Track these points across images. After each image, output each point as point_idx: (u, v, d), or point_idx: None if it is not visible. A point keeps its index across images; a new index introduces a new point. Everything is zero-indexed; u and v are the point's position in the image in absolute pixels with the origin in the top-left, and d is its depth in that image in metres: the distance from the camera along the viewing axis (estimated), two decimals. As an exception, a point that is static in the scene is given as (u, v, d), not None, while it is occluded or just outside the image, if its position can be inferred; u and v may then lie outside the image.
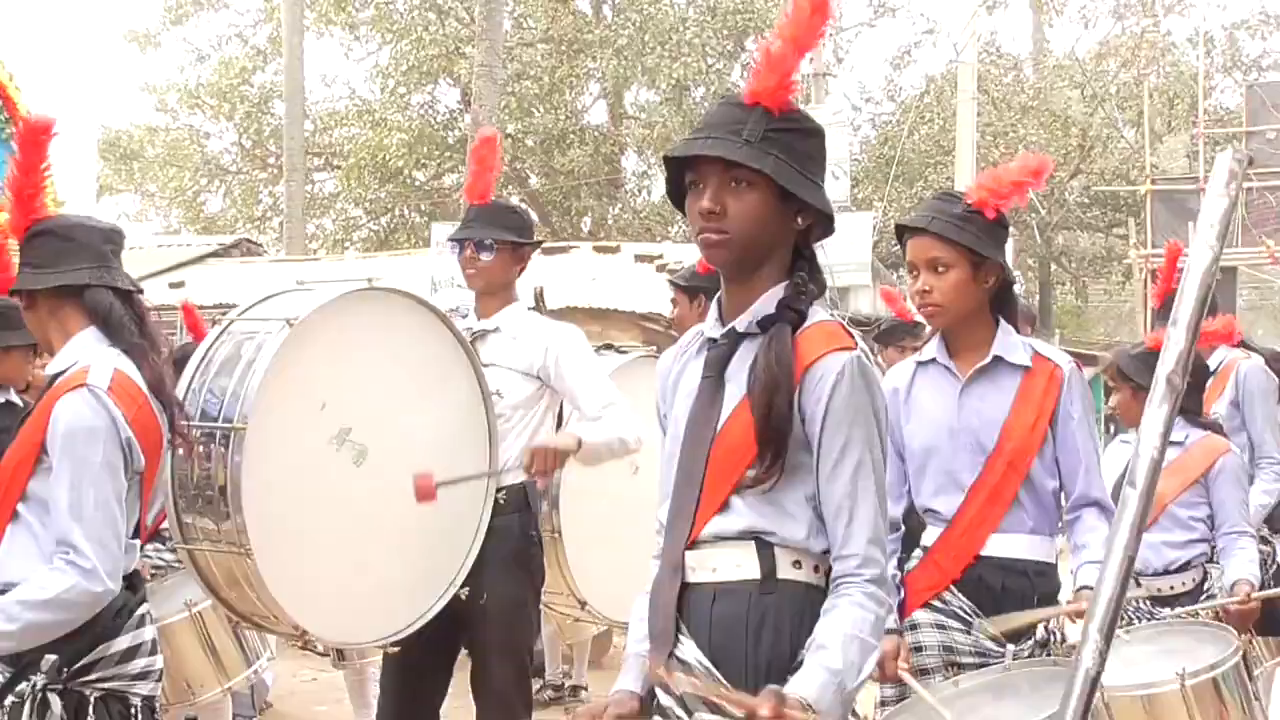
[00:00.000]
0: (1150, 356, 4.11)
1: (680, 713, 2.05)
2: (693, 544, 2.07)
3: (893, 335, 6.16)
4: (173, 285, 14.79)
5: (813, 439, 2.01)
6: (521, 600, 4.01)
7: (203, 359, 3.54)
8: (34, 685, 2.66)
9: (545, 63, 25.39)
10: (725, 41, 25.74)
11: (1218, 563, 4.15)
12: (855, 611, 1.96)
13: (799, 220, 2.08)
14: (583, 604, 4.78)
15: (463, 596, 3.81)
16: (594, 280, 14.17)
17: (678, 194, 2.13)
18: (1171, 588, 4.17)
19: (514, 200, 26.36)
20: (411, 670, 3.98)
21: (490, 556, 3.85)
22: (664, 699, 2.08)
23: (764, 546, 2.03)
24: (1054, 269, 30.35)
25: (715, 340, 2.13)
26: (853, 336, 2.07)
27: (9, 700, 2.67)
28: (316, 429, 3.54)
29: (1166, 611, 4.12)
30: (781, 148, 2.02)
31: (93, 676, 2.72)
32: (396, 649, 3.78)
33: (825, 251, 2.20)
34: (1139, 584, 4.16)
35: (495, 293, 4.11)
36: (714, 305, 2.17)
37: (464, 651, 4.11)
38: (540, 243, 4.30)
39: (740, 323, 2.09)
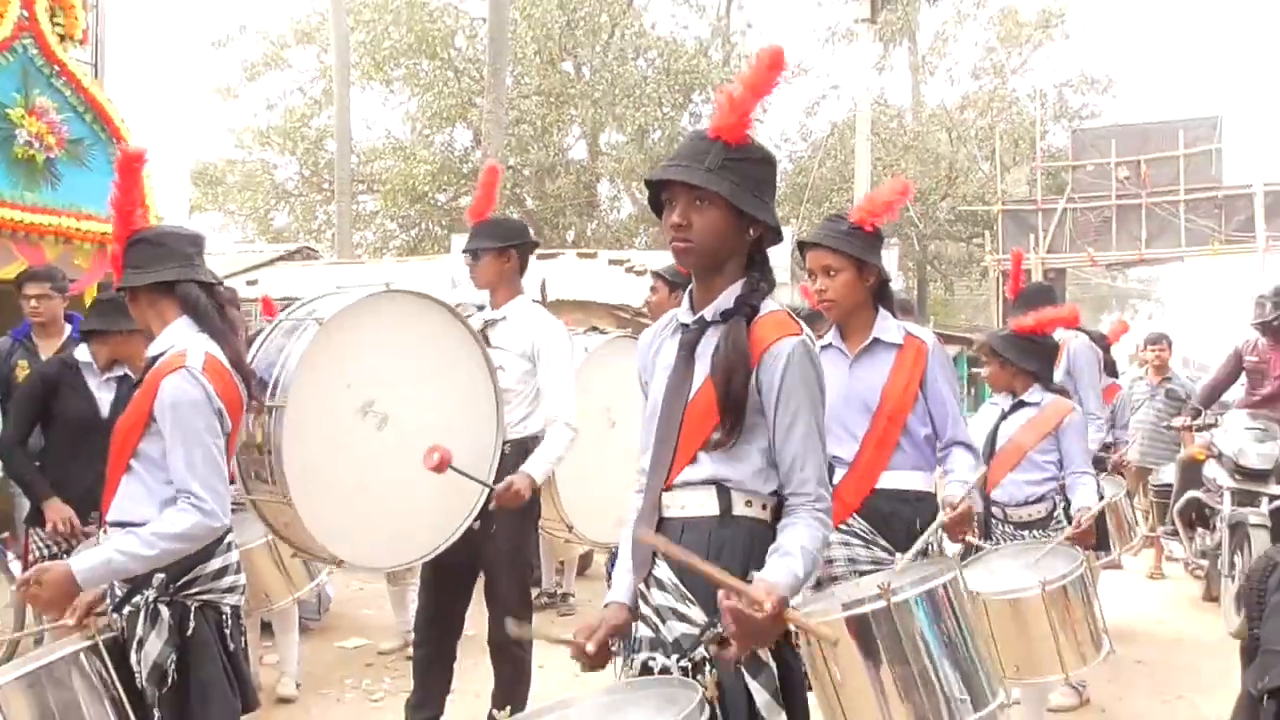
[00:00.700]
0: (1014, 338, 4.11)
1: (656, 620, 2.01)
2: (668, 487, 2.03)
3: (810, 321, 6.20)
4: (249, 283, 14.65)
5: (768, 406, 1.98)
6: (523, 531, 3.96)
7: (260, 345, 3.48)
8: (146, 598, 2.59)
9: (538, 110, 25.21)
10: (676, 95, 25.70)
11: (1065, 497, 4.14)
12: (809, 529, 1.95)
13: (751, 231, 2.03)
14: (570, 528, 4.74)
15: (475, 528, 3.74)
16: (577, 280, 14.12)
17: (658, 207, 2.08)
18: (1029, 515, 4.17)
19: (507, 215, 26.30)
20: (442, 584, 3.96)
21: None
22: (644, 609, 2.04)
23: (723, 490, 2.00)
24: (928, 270, 30.51)
25: (687, 325, 2.08)
26: (799, 324, 2.03)
27: (126, 610, 2.60)
28: (344, 403, 3.50)
29: (1026, 534, 4.12)
30: (737, 174, 1.98)
31: (193, 590, 2.66)
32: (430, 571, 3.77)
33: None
34: (1005, 514, 4.17)
35: (497, 288, 4.01)
36: (687, 296, 2.13)
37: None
38: (525, 243, 4.10)
39: (707, 312, 2.05)
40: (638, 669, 2.02)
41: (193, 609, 2.65)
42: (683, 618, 1.97)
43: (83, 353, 4.54)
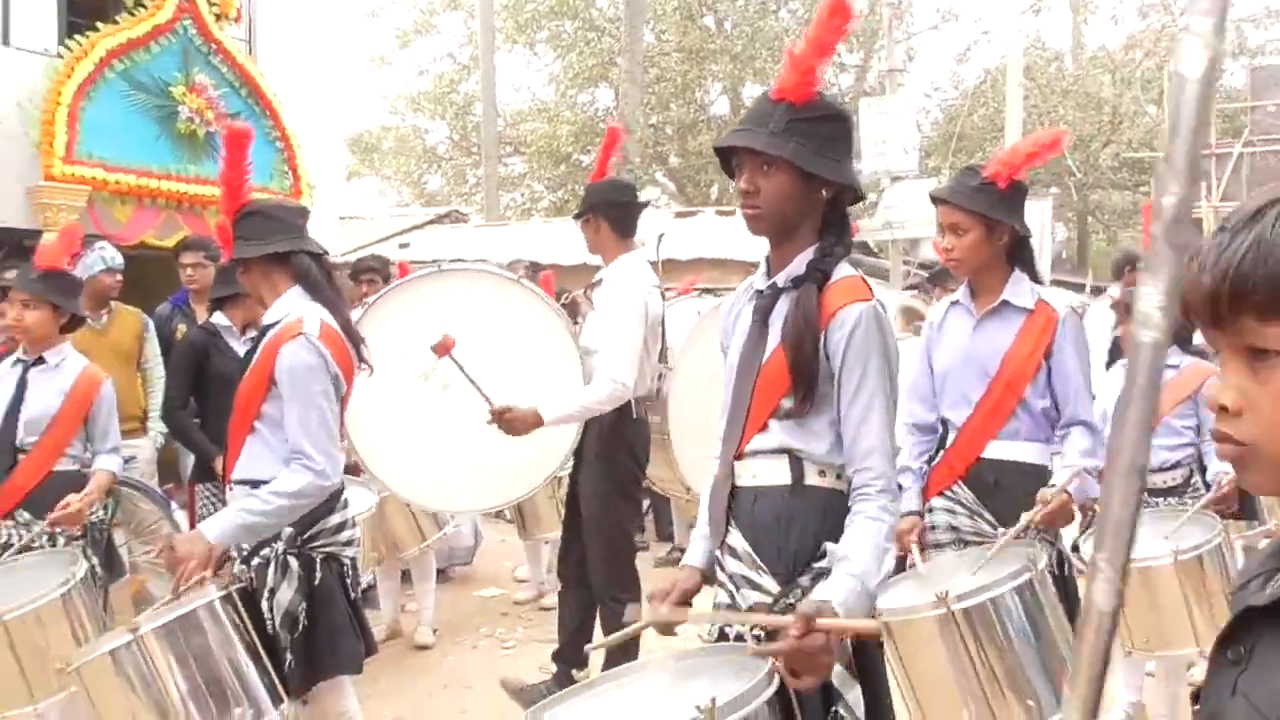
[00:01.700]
0: None
1: (730, 588, 2.02)
2: (740, 456, 2.02)
3: (941, 278, 6.04)
4: (401, 246, 15.05)
5: (835, 373, 1.93)
6: (604, 492, 4.01)
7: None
8: (276, 550, 2.74)
9: (678, 68, 25.04)
10: (820, 46, 25.07)
11: (1203, 464, 3.92)
12: (872, 525, 1.88)
13: (824, 192, 1.97)
14: (688, 489, 4.76)
15: (561, 480, 4.10)
16: (715, 237, 14.05)
17: (730, 171, 2.05)
18: (1165, 482, 3.96)
19: (658, 189, 26.38)
20: (572, 530, 4.20)
21: (585, 456, 3.97)
22: (720, 575, 2.04)
23: (795, 460, 1.97)
24: (1090, 220, 29.00)
25: (762, 291, 2.05)
26: (870, 290, 1.97)
27: (255, 561, 2.75)
28: (405, 371, 3.78)
29: (1161, 502, 3.92)
30: (802, 134, 1.92)
31: (317, 544, 2.81)
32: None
33: (894, 211, 2.08)
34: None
35: (601, 251, 4.06)
36: (764, 261, 2.08)
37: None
38: (610, 203, 4.05)
39: (780, 279, 2.01)
40: (714, 634, 2.03)
41: (318, 560, 2.80)
42: (756, 586, 1.97)
43: (219, 318, 4.80)
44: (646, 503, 6.39)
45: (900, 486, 2.03)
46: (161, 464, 5.79)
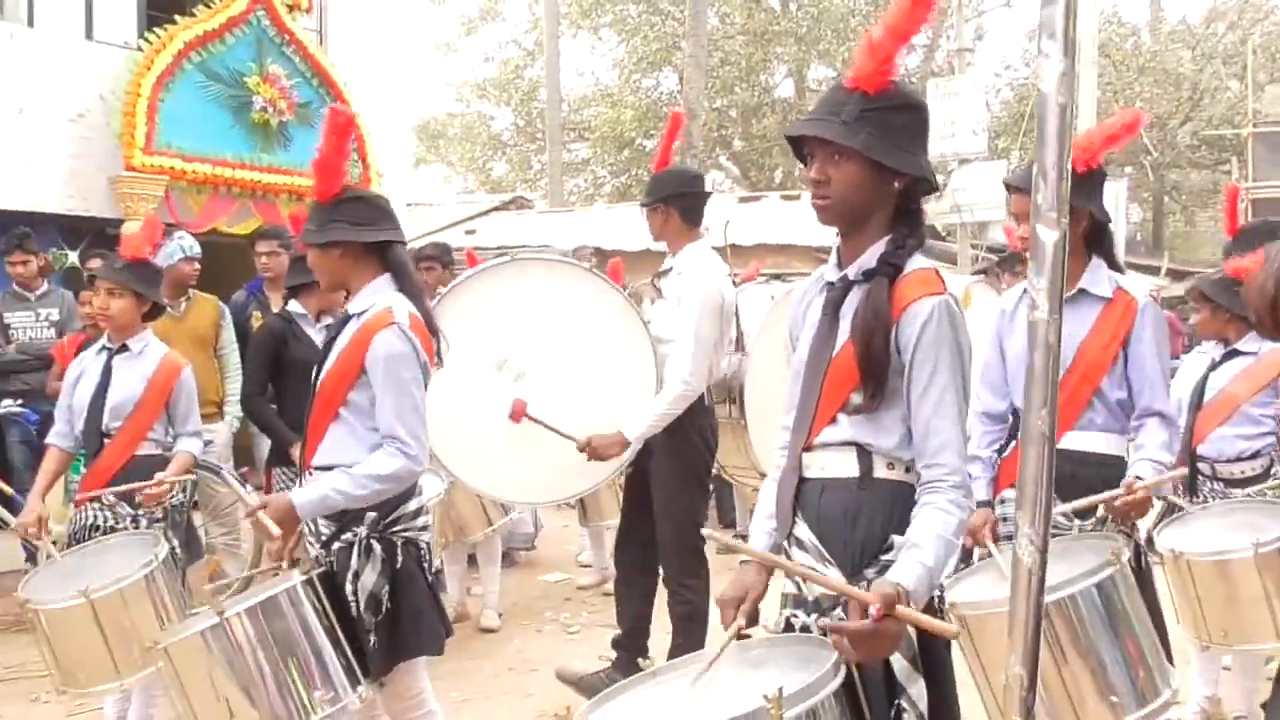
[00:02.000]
0: (1228, 281, 3.77)
1: (798, 579, 2.01)
2: (808, 448, 2.01)
3: (1009, 262, 5.97)
4: (467, 232, 15.27)
5: (906, 368, 1.91)
6: (675, 478, 4.00)
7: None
8: (359, 535, 2.78)
9: (743, 50, 24.89)
10: (886, 26, 24.75)
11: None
12: (942, 516, 1.86)
13: (896, 184, 1.93)
14: (762, 475, 4.76)
15: (624, 473, 4.05)
16: (780, 222, 13.97)
17: (803, 159, 2.03)
18: (1243, 472, 3.83)
19: (722, 172, 26.27)
20: (633, 519, 4.18)
21: (656, 443, 3.92)
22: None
23: (863, 453, 1.95)
24: (1166, 201, 28.21)
25: (832, 284, 2.03)
26: (943, 283, 1.94)
27: (336, 546, 2.79)
28: (477, 361, 3.81)
29: (1238, 492, 3.81)
30: (875, 125, 1.89)
31: (397, 528, 2.84)
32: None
33: (963, 194, 2.05)
34: (1214, 470, 3.87)
35: (668, 240, 4.05)
36: (834, 252, 2.06)
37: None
38: (682, 194, 4.04)
39: (850, 271, 1.99)
40: (781, 624, 2.03)
41: (399, 544, 2.84)
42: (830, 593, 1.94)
43: (295, 306, 4.90)
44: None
45: (969, 476, 2.00)
46: (236, 449, 5.95)
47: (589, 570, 6.49)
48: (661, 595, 4.16)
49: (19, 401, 5.89)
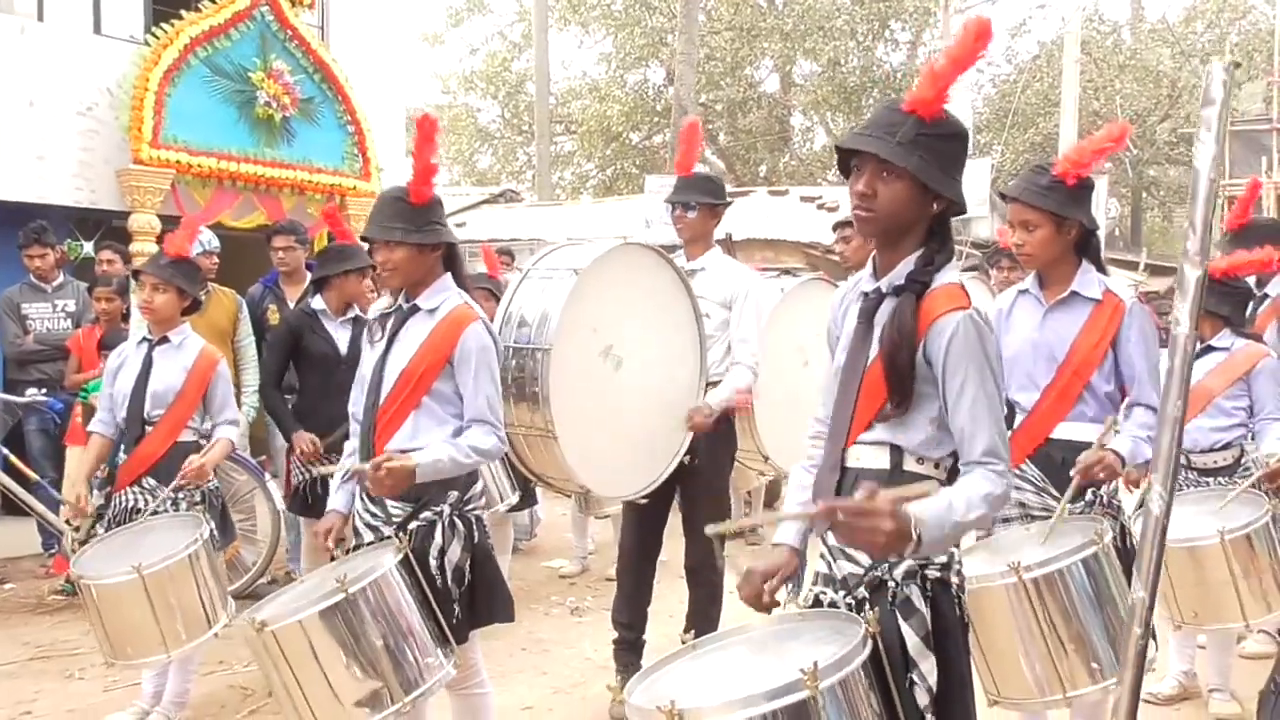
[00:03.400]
0: (1213, 284, 3.95)
1: (829, 558, 2.17)
2: (845, 448, 2.15)
3: (996, 258, 6.26)
4: (457, 225, 15.36)
5: (937, 377, 2.04)
6: (721, 463, 4.24)
7: (512, 298, 3.77)
8: (443, 513, 2.95)
9: (729, 46, 25.03)
10: (871, 24, 24.92)
11: (1254, 443, 4.06)
12: (979, 482, 1.97)
13: (935, 205, 2.08)
14: (766, 459, 4.97)
15: (685, 462, 4.06)
16: (768, 217, 14.17)
17: (846, 170, 2.14)
18: (1215, 462, 4.10)
19: (707, 167, 26.40)
20: (643, 512, 4.28)
21: (706, 431, 4.06)
22: (821, 547, 2.20)
23: (895, 450, 2.09)
24: (1144, 197, 28.59)
25: (868, 294, 2.16)
26: (968, 296, 2.07)
27: (415, 524, 2.93)
28: (592, 346, 3.78)
29: (1211, 481, 4.07)
30: (926, 149, 2.01)
31: (470, 506, 3.04)
32: (645, 500, 4.08)
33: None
34: (1189, 460, 4.12)
35: (698, 241, 4.27)
36: (870, 261, 2.19)
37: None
38: (730, 201, 4.40)
39: (884, 284, 2.12)
40: (810, 600, 2.18)
41: (473, 521, 3.04)
42: (850, 558, 2.12)
43: (318, 301, 5.11)
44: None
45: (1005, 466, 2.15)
46: (250, 439, 6.14)
47: (592, 557, 6.71)
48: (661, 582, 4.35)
49: (43, 390, 6.05)
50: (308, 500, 5.00)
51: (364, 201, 8.96)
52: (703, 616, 4.16)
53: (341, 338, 5.09)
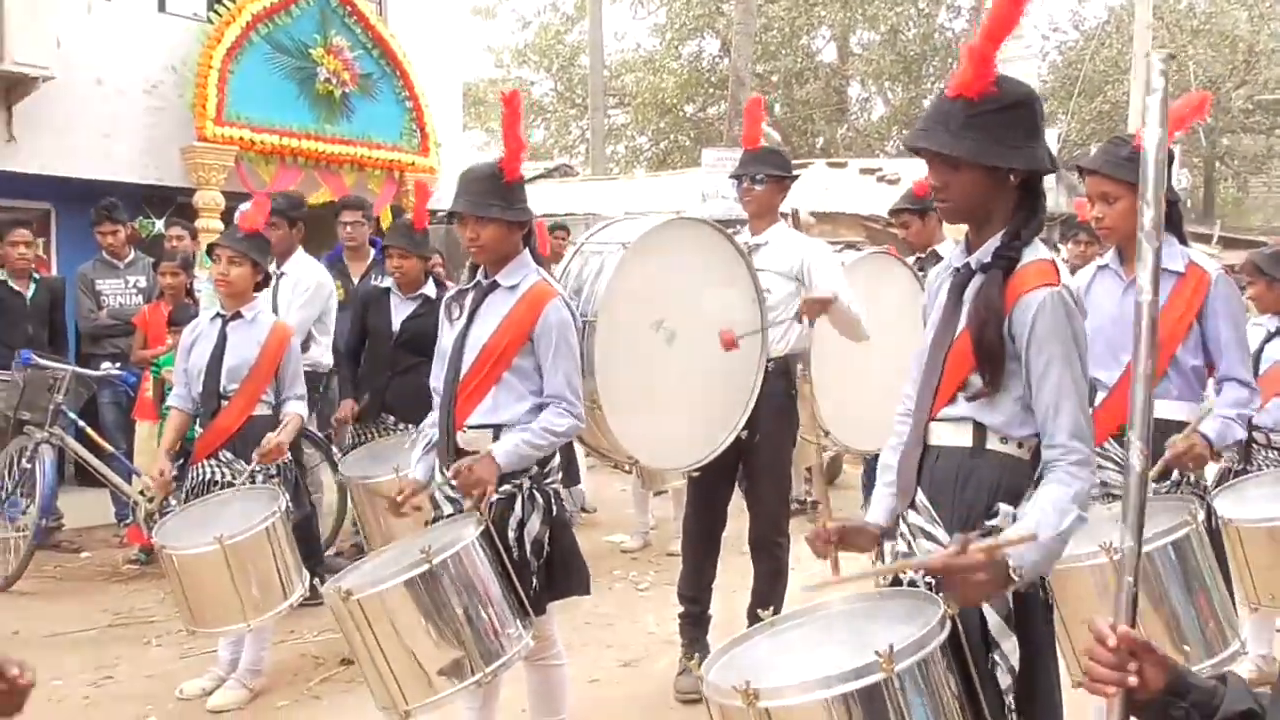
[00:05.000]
0: None
1: (909, 538, 2.20)
2: (928, 422, 2.18)
3: (1073, 231, 6.19)
4: (512, 200, 15.38)
5: (1021, 354, 2.04)
6: (782, 439, 4.24)
7: (565, 269, 3.79)
8: (523, 486, 3.02)
9: (787, 15, 24.75)
10: (934, -11, 24.55)
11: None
12: (1055, 489, 1.99)
13: (1012, 179, 2.06)
14: (826, 433, 4.96)
15: (743, 437, 4.05)
16: (826, 190, 14.07)
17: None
18: None
19: (764, 139, 26.13)
20: (708, 487, 4.28)
21: (762, 407, 4.06)
22: (901, 526, 2.22)
23: (978, 426, 2.11)
24: (1218, 167, 27.85)
25: (959, 270, 2.19)
26: (1058, 274, 2.07)
27: (493, 497, 2.98)
28: (641, 319, 3.77)
29: (1290, 458, 4.02)
30: (980, 129, 2.00)
31: (547, 480, 3.10)
32: (698, 473, 4.08)
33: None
34: (1269, 439, 4.06)
35: (764, 215, 4.26)
36: (964, 238, 2.20)
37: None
38: (797, 175, 4.38)
39: (973, 261, 2.14)
40: (889, 579, 2.19)
41: (550, 491, 3.10)
42: (930, 537, 2.14)
43: (388, 280, 5.22)
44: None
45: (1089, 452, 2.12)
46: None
47: (653, 531, 6.78)
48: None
49: (116, 365, 6.25)
50: None
51: (423, 177, 9.07)
52: (768, 591, 4.20)
53: (399, 315, 5.19)
